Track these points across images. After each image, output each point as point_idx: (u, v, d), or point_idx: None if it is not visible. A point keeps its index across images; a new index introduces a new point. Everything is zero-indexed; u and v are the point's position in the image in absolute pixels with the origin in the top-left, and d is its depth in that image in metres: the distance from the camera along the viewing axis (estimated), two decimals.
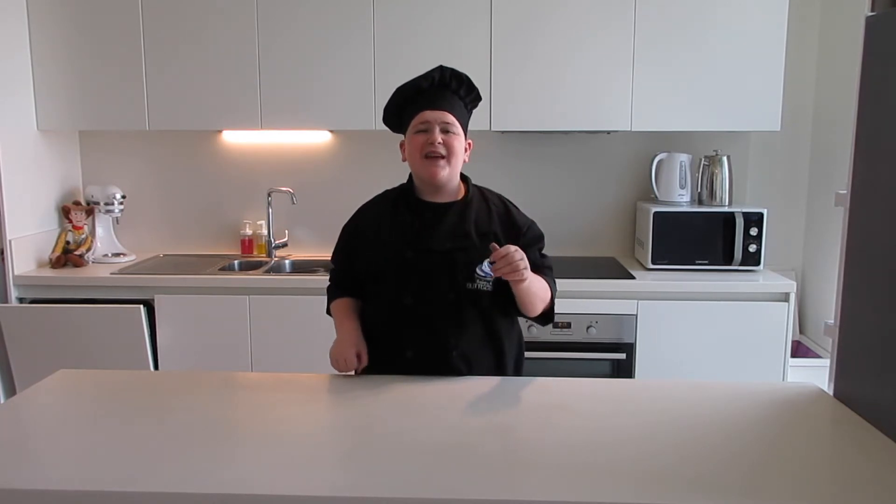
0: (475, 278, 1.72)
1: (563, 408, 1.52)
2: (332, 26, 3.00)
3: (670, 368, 2.84)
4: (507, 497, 1.14)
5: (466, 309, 1.73)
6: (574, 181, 3.39)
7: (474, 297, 1.73)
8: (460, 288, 1.72)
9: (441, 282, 1.72)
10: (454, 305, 1.72)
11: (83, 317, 2.87)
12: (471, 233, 1.74)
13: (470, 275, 1.72)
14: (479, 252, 1.71)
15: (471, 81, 1.77)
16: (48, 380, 1.70)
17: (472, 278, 1.72)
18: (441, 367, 1.72)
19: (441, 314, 1.73)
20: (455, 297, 1.72)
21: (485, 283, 1.72)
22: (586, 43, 2.95)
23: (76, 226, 3.25)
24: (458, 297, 1.72)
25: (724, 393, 1.61)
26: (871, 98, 1.50)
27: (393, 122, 1.82)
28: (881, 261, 1.45)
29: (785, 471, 1.23)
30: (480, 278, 1.72)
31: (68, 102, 3.12)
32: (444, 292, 1.72)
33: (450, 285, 1.72)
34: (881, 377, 1.44)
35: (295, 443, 1.36)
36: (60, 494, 1.16)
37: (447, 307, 1.72)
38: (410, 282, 1.72)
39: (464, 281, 1.72)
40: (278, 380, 1.72)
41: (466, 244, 1.73)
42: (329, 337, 1.85)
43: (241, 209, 3.47)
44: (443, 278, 1.72)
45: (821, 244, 3.25)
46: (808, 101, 3.30)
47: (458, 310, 1.73)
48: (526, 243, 1.74)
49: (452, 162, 1.72)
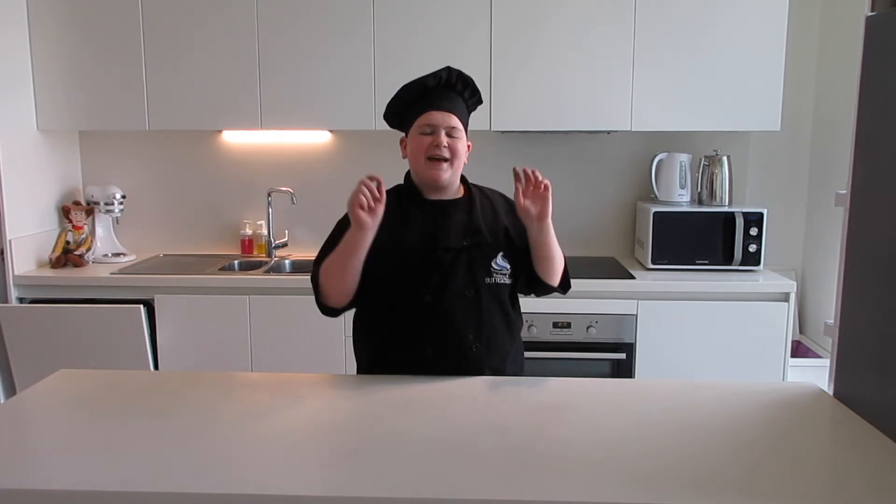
0: (492, 272, 1.74)
1: (563, 408, 1.52)
2: (332, 26, 3.00)
3: (670, 368, 2.84)
4: (507, 497, 1.14)
5: (486, 303, 1.74)
6: (574, 181, 3.39)
7: (493, 291, 1.75)
8: (479, 283, 1.73)
9: (459, 278, 1.72)
10: (473, 301, 1.73)
11: (83, 317, 2.87)
12: (482, 228, 1.76)
13: (487, 269, 1.74)
14: (493, 246, 1.75)
15: (475, 84, 1.79)
16: (48, 380, 1.70)
17: (489, 273, 1.74)
18: (462, 363, 1.72)
19: (460, 310, 1.73)
20: (474, 293, 1.73)
21: (502, 277, 1.75)
22: (586, 43, 2.95)
23: (76, 226, 3.25)
24: (478, 292, 1.73)
25: (723, 393, 1.61)
26: (871, 98, 1.50)
27: (394, 119, 1.82)
28: (881, 261, 1.45)
29: (785, 471, 1.23)
30: (497, 272, 1.74)
31: (68, 102, 3.12)
32: (463, 288, 1.72)
33: (468, 281, 1.73)
34: (881, 377, 1.44)
35: (295, 443, 1.36)
36: (60, 494, 1.16)
37: (467, 303, 1.73)
38: (429, 279, 1.72)
39: (483, 276, 1.73)
40: (278, 380, 1.72)
41: (480, 239, 1.75)
42: (329, 336, 1.85)
43: (241, 209, 3.48)
44: (461, 274, 1.72)
45: (821, 244, 3.25)
46: (808, 101, 3.30)
47: (478, 305, 1.74)
48: None
49: (455, 164, 1.74)
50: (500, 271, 1.75)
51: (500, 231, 1.77)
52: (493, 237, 1.76)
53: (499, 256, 1.75)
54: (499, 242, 1.76)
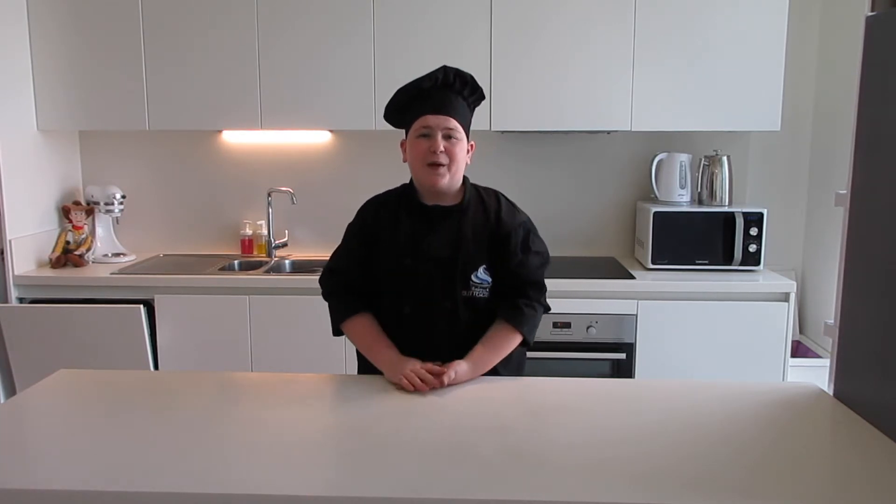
0: (471, 286, 1.72)
1: (563, 408, 1.52)
2: (332, 26, 3.00)
3: (670, 368, 2.84)
4: (507, 497, 1.14)
5: (463, 316, 1.72)
6: (574, 181, 3.39)
7: (471, 304, 1.73)
8: (456, 295, 1.71)
9: (438, 289, 1.71)
10: (451, 313, 1.72)
11: (83, 317, 2.87)
12: (467, 240, 1.73)
13: (465, 282, 1.72)
14: (475, 259, 1.72)
15: (475, 81, 1.76)
16: (48, 380, 1.70)
17: (467, 286, 1.72)
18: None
19: (437, 322, 1.72)
20: (451, 305, 1.71)
21: (481, 290, 1.73)
22: (586, 43, 2.95)
23: (76, 226, 3.25)
24: (455, 304, 1.71)
25: (723, 393, 1.61)
26: (871, 98, 1.50)
27: (395, 120, 1.81)
28: (881, 261, 1.45)
29: (785, 471, 1.23)
30: (476, 285, 1.72)
31: (68, 102, 3.12)
32: (441, 300, 1.71)
33: (446, 293, 1.71)
34: (881, 377, 1.44)
35: (295, 443, 1.36)
36: (60, 494, 1.16)
37: (444, 315, 1.72)
38: (409, 290, 1.72)
39: (459, 288, 1.72)
40: (278, 380, 1.72)
41: (462, 252, 1.72)
42: (328, 337, 1.84)
43: (241, 209, 3.47)
44: (439, 286, 1.71)
45: (821, 244, 3.25)
46: (808, 101, 3.30)
47: (455, 317, 1.72)
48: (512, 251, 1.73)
49: (453, 169, 1.71)
50: (480, 285, 1.72)
51: (485, 242, 1.73)
52: (478, 249, 1.72)
53: (480, 269, 1.72)
54: (482, 254, 1.71)
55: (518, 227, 1.76)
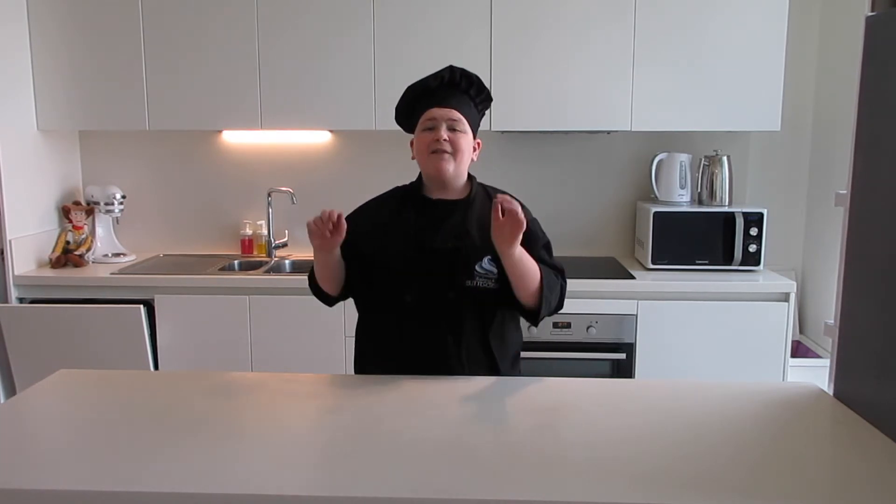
0: (475, 275, 1.71)
1: (562, 408, 1.52)
2: (332, 26, 3.00)
3: (670, 368, 2.84)
4: (506, 497, 1.14)
5: (466, 307, 1.73)
6: (574, 181, 3.39)
7: (474, 294, 1.72)
8: (460, 285, 1.71)
9: (441, 280, 1.71)
10: (454, 303, 1.72)
11: (83, 317, 2.87)
12: (472, 231, 1.74)
13: (470, 272, 1.71)
14: (480, 249, 1.71)
15: (481, 82, 1.77)
16: (48, 380, 1.70)
17: (471, 275, 1.71)
18: (439, 365, 1.72)
19: (440, 312, 1.72)
20: (455, 295, 1.71)
21: (486, 281, 1.72)
22: (586, 43, 2.95)
23: (76, 226, 3.25)
24: (458, 294, 1.71)
25: (723, 393, 1.61)
26: (871, 98, 1.50)
27: (404, 122, 1.82)
28: (881, 261, 1.45)
29: (785, 471, 1.23)
30: (481, 275, 1.71)
31: (68, 102, 3.12)
32: (444, 290, 1.71)
33: (449, 283, 1.71)
34: (881, 377, 1.44)
35: (295, 443, 1.36)
36: (60, 494, 1.16)
37: (447, 305, 1.72)
38: (411, 280, 1.72)
39: (463, 278, 1.71)
40: (278, 380, 1.71)
41: (467, 242, 1.72)
42: (329, 336, 1.85)
43: (241, 209, 3.48)
44: (443, 276, 1.71)
45: (821, 244, 3.25)
46: (808, 101, 3.30)
47: (458, 307, 1.72)
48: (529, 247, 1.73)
49: (458, 158, 1.72)
50: (485, 275, 1.71)
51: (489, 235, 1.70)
52: (483, 239, 1.70)
53: (485, 260, 1.70)
54: (488, 245, 1.69)
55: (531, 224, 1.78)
